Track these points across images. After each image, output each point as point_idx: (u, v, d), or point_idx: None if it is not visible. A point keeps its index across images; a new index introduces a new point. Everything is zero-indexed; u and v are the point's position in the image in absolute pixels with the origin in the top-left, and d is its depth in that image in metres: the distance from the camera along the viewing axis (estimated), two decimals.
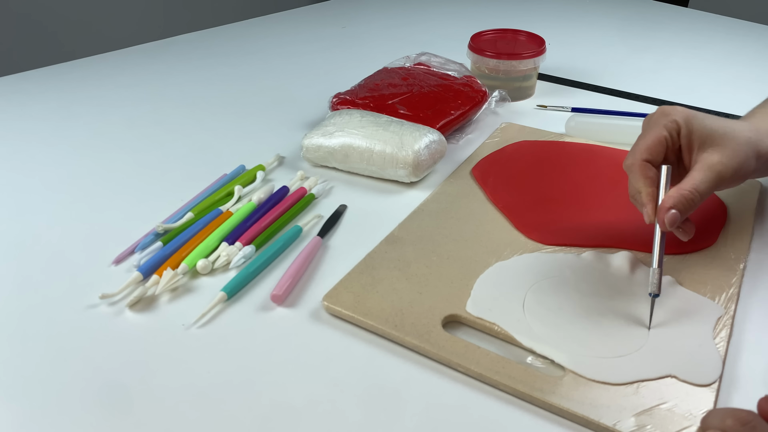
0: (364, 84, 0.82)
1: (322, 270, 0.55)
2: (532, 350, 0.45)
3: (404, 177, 0.66)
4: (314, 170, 0.70)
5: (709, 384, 0.42)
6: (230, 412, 0.42)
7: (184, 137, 0.77)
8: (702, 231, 0.57)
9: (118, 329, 0.49)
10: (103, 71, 0.97)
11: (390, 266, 0.53)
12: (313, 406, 0.42)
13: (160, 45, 1.08)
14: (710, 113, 0.53)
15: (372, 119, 0.68)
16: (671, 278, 0.52)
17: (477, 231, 0.58)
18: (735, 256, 0.55)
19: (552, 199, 0.63)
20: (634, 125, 0.75)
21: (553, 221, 0.59)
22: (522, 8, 1.29)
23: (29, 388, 0.44)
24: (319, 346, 0.47)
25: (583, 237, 0.57)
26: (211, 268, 0.55)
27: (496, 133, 0.76)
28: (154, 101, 0.87)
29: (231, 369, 0.45)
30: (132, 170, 0.70)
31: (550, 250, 0.55)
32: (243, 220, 0.60)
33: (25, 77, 0.95)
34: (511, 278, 0.52)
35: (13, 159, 0.73)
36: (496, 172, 0.67)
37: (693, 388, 0.42)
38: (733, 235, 0.58)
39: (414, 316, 0.48)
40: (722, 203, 0.62)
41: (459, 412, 0.42)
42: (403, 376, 0.45)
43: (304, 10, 1.28)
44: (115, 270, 0.55)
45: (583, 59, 1.02)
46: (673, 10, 1.30)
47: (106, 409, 0.42)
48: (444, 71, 0.85)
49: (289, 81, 0.94)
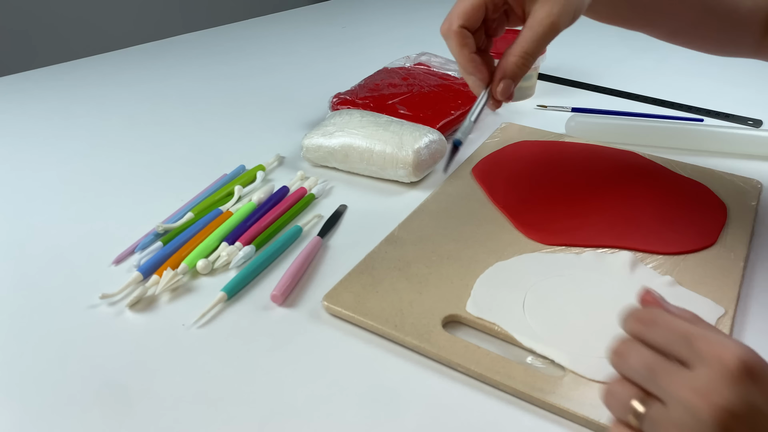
0: (364, 84, 0.82)
1: (322, 270, 0.55)
2: (532, 350, 0.45)
3: (404, 177, 0.66)
4: (314, 170, 0.70)
5: None
6: (230, 412, 0.42)
7: (185, 137, 0.77)
8: (702, 231, 0.57)
9: (118, 329, 0.49)
10: (104, 71, 0.97)
11: (390, 266, 0.53)
12: (313, 407, 0.42)
13: (161, 45, 1.08)
14: (709, 114, 0.53)
15: (372, 119, 0.68)
16: (671, 278, 0.52)
17: (477, 231, 0.58)
18: (735, 255, 0.55)
19: (552, 199, 0.63)
20: (635, 125, 0.75)
21: (554, 221, 0.59)
22: None
23: (29, 387, 0.44)
24: (319, 346, 0.47)
25: (584, 237, 0.57)
26: (211, 268, 0.55)
27: (496, 133, 0.76)
28: (154, 101, 0.87)
29: (231, 369, 0.45)
30: (132, 170, 0.70)
31: (550, 250, 0.55)
32: (243, 220, 0.60)
33: (25, 77, 0.95)
34: (511, 278, 0.52)
35: (13, 159, 0.73)
36: (496, 173, 0.67)
37: None
38: (732, 235, 0.58)
39: (414, 316, 0.48)
40: (722, 203, 0.62)
41: (459, 412, 0.42)
42: (404, 376, 0.45)
43: (304, 10, 1.28)
44: (115, 270, 0.55)
45: (582, 59, 1.02)
46: None
47: (106, 409, 0.42)
48: (444, 71, 0.85)
49: (289, 81, 0.94)
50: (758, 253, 0.57)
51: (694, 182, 0.66)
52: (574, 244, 0.56)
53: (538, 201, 0.62)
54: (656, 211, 0.61)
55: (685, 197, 0.63)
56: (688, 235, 0.57)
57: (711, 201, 0.62)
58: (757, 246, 0.58)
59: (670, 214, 0.60)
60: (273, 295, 0.51)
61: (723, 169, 0.68)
